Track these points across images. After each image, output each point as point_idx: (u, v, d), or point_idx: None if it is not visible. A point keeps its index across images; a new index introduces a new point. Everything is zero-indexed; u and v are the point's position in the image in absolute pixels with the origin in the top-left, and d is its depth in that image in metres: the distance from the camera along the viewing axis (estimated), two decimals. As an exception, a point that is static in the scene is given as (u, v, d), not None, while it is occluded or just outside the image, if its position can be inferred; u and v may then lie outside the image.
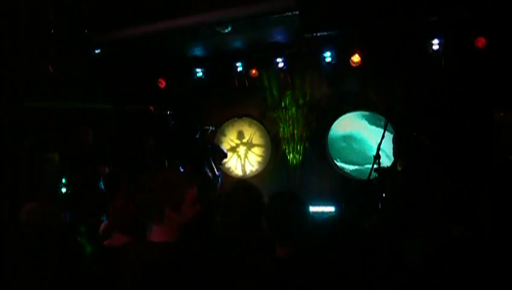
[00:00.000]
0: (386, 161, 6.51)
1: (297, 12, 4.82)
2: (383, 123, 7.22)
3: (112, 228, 2.61)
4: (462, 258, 3.09)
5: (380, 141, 5.34)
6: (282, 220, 2.33)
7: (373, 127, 7.58)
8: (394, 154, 5.65)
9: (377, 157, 5.26)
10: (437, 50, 6.65)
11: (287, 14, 4.92)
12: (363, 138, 7.68)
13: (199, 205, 2.30)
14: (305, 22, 4.86)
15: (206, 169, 6.66)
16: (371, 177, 5.35)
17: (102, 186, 5.91)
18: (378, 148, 5.32)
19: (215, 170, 6.81)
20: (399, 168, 5.38)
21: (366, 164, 7.50)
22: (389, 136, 5.66)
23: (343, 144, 7.78)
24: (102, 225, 2.99)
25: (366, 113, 7.59)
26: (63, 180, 6.07)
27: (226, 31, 5.55)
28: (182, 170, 6.78)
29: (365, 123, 7.65)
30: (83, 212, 3.40)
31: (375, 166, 5.34)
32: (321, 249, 2.64)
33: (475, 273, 2.96)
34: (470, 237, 3.29)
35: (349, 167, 7.73)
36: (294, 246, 2.32)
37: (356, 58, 7.01)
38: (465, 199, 4.88)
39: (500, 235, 3.04)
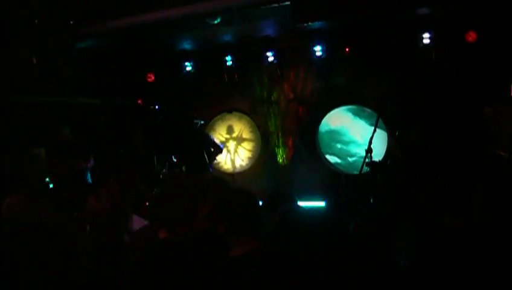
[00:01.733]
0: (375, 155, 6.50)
1: (288, 3, 4.76)
2: (367, 115, 7.26)
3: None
4: (457, 250, 3.06)
5: (371, 135, 5.31)
6: (234, 217, 2.25)
7: (362, 121, 7.54)
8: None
9: (369, 151, 5.22)
10: (428, 44, 6.63)
11: (278, 4, 4.84)
12: (352, 131, 7.63)
13: (215, 215, 2.20)
14: (296, 11, 4.79)
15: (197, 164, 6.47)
16: (362, 172, 5.32)
17: (89, 180, 5.79)
18: (370, 142, 5.28)
19: (209, 165, 6.65)
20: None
21: (351, 157, 7.51)
22: (379, 132, 5.63)
23: (332, 138, 7.74)
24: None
25: (356, 107, 7.55)
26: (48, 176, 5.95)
27: (216, 22, 5.45)
28: (174, 160, 6.63)
29: (354, 117, 7.61)
30: (68, 207, 3.36)
31: (366, 160, 5.29)
32: (295, 244, 2.59)
33: (470, 265, 2.93)
34: (465, 229, 3.26)
35: (337, 160, 7.70)
36: (251, 243, 2.24)
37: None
38: (458, 192, 4.87)
39: (495, 228, 3.01)
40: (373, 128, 5.33)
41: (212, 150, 6.73)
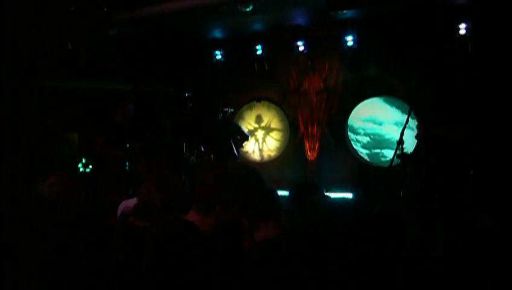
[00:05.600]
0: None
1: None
2: (399, 107, 7.13)
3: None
4: (488, 248, 3.00)
5: (403, 127, 5.20)
6: (260, 199, 2.26)
7: (393, 114, 7.39)
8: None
9: (400, 142, 5.11)
10: (464, 35, 6.44)
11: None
12: (381, 117, 7.48)
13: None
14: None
15: (225, 152, 6.51)
16: (393, 164, 5.22)
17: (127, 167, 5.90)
18: (402, 134, 5.17)
19: (235, 153, 6.68)
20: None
21: (379, 148, 7.43)
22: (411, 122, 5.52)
23: (361, 127, 7.62)
24: (123, 203, 2.98)
25: (388, 98, 7.41)
26: (83, 160, 6.08)
27: (248, 9, 5.43)
28: (202, 149, 6.70)
29: (386, 109, 7.47)
30: (108, 190, 3.44)
31: (397, 152, 5.19)
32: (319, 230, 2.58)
33: (501, 264, 2.86)
34: (498, 228, 3.19)
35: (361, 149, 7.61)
36: (276, 227, 2.23)
37: None
38: (493, 190, 4.75)
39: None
40: (399, 112, 5.19)
41: (239, 137, 6.75)
